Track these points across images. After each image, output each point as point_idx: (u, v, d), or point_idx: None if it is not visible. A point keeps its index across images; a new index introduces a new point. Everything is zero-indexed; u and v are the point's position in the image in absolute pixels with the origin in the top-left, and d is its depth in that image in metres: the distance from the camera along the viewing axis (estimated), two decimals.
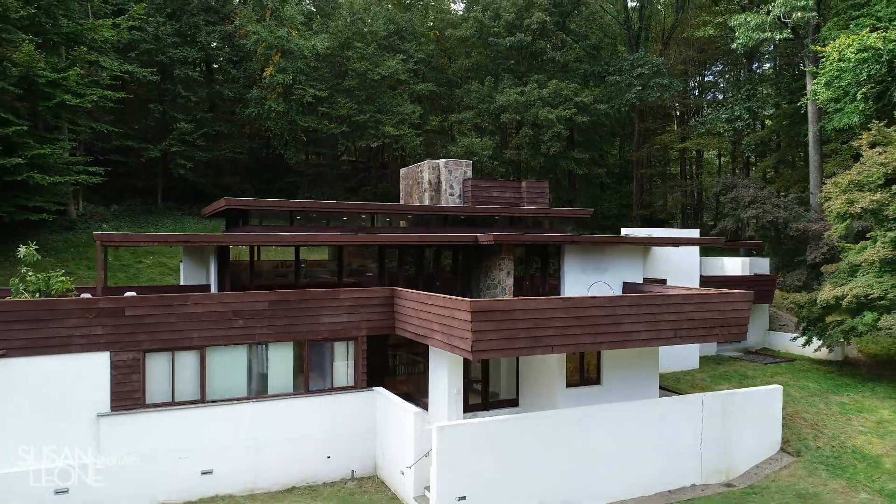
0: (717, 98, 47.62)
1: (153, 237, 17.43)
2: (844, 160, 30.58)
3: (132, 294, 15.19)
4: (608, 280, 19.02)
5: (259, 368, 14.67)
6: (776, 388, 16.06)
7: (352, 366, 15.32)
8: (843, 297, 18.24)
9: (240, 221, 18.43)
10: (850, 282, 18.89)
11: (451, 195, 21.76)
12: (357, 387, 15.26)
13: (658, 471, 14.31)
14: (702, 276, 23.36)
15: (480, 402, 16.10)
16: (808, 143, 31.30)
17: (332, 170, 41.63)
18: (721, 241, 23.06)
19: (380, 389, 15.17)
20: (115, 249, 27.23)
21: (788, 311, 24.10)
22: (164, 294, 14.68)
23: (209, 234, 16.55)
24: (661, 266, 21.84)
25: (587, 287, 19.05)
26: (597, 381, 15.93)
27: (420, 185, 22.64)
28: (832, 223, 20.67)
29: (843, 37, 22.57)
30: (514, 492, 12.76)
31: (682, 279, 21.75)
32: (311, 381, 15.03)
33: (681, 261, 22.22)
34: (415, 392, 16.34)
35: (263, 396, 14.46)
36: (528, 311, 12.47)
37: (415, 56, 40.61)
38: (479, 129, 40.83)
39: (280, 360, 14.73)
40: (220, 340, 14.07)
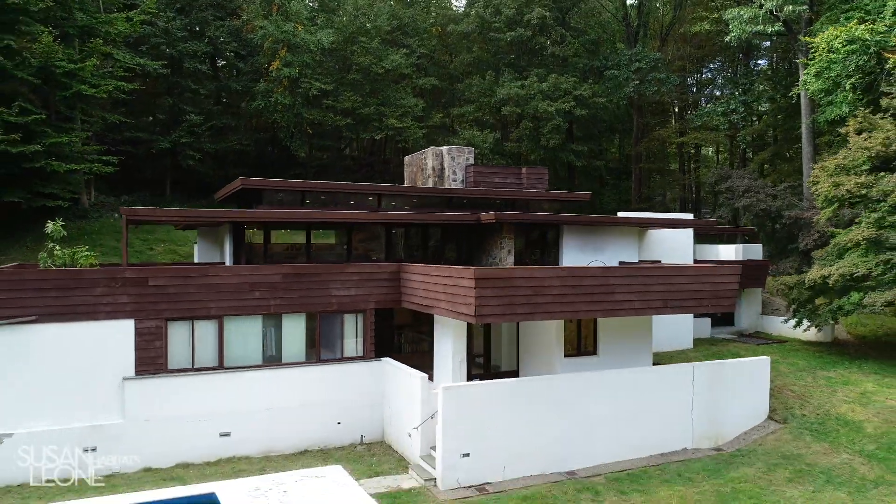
0: (715, 94, 48.41)
1: (176, 212, 18.19)
2: (837, 151, 31.31)
3: None
4: (605, 260, 19.81)
5: (273, 338, 15.48)
6: (764, 360, 16.86)
7: (361, 337, 16.15)
8: (830, 277, 19.06)
9: (253, 203, 19.25)
10: (837, 262, 19.71)
11: (454, 181, 22.55)
12: (366, 357, 16.10)
13: (651, 435, 15.10)
14: (696, 261, 24.17)
15: (482, 374, 16.88)
16: (802, 136, 32.12)
17: (336, 164, 42.46)
18: (713, 224, 23.90)
19: (387, 359, 16.00)
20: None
21: (779, 294, 24.92)
22: (185, 266, 15.51)
23: (228, 210, 17.39)
24: (657, 249, 22.68)
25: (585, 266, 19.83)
26: (594, 353, 16.72)
27: (424, 172, 23.44)
28: (820, 206, 21.50)
29: (832, 28, 23.37)
30: (516, 450, 13.54)
31: (677, 262, 22.52)
32: (323, 351, 15.86)
33: (676, 244, 23.05)
34: (419, 367, 16.90)
35: (278, 364, 15.29)
36: (528, 280, 13.29)
37: (417, 51, 41.47)
38: (480, 123, 41.66)
39: (293, 331, 15.56)
40: (237, 311, 14.89)
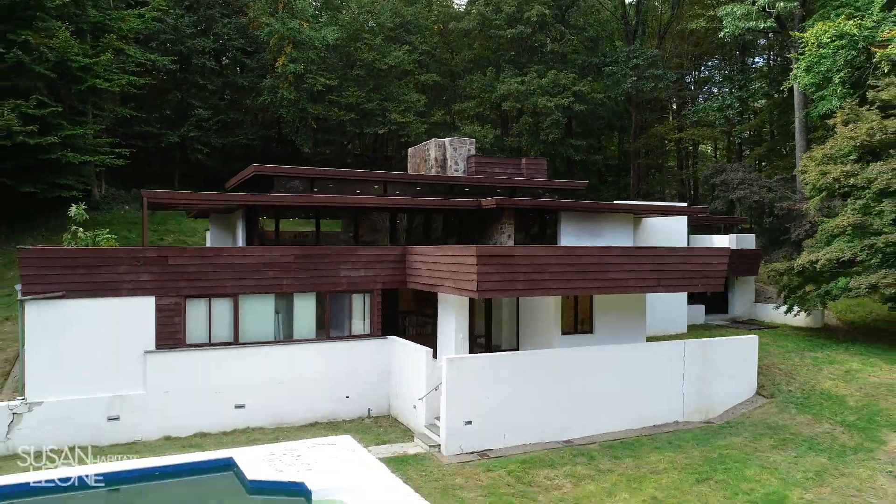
0: (712, 92, 49.23)
1: (194, 195, 18.83)
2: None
3: None
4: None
5: (285, 316, 16.31)
6: (752, 338, 17.68)
7: (368, 315, 16.97)
8: (818, 262, 19.86)
9: (265, 191, 20.05)
10: (825, 248, 20.52)
11: (456, 171, 23.37)
12: (373, 334, 16.92)
13: (644, 408, 15.92)
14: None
15: (484, 353, 17.65)
16: (795, 131, 32.92)
17: (340, 159, 43.28)
18: (706, 210, 24.69)
19: (393, 337, 16.82)
20: (136, 230, 28.99)
21: (771, 281, 25.71)
22: (203, 248, 16.34)
23: (245, 194, 18.21)
24: (651, 237, 23.48)
25: None
26: (590, 331, 17.54)
27: (427, 163, 24.25)
28: (808, 194, 22.30)
29: (820, 24, 24.17)
30: (516, 420, 14.35)
31: None
32: (332, 329, 16.68)
33: (670, 232, 23.86)
34: None
35: (289, 341, 16.12)
36: (528, 258, 14.09)
37: (419, 48, 42.31)
38: (481, 118, 42.49)
39: (304, 309, 16.38)
40: (252, 289, 15.71)
